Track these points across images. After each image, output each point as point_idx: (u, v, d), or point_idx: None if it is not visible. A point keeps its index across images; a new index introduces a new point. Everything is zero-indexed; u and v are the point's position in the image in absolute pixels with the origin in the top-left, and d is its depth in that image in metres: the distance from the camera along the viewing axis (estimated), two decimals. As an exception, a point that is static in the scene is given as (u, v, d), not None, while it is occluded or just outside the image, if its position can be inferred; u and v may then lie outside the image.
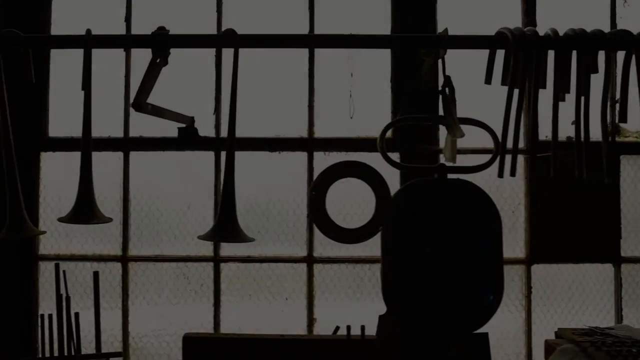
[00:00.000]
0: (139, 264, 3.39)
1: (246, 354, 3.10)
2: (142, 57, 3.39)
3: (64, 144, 3.38)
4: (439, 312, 2.81)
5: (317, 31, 3.37)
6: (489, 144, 3.14)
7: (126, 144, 3.37)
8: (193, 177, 3.38)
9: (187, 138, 3.29)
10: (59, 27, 3.44)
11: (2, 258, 3.36)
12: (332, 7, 3.38)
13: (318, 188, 2.74)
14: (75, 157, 3.41)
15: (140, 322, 3.39)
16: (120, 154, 3.39)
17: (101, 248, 3.40)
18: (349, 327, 3.01)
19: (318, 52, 3.35)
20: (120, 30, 3.39)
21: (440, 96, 2.79)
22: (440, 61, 2.79)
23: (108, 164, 3.39)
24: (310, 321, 3.35)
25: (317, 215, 2.75)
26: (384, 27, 3.39)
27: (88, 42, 2.68)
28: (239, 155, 3.36)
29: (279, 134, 3.37)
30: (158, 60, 2.72)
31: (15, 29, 2.74)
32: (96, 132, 3.38)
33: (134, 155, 3.38)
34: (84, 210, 2.71)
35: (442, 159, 3.21)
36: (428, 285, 2.80)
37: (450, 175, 2.89)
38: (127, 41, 2.76)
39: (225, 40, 2.68)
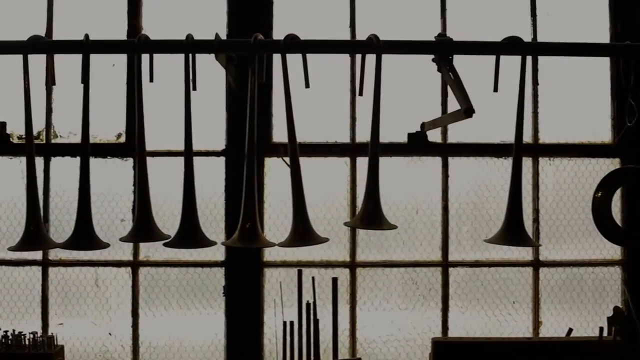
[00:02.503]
0: (367, 269, 3.38)
1: (494, 356, 3.13)
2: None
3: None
4: None
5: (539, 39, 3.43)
6: None
7: (353, 150, 3.37)
8: (420, 183, 3.39)
9: (417, 143, 3.33)
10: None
11: (233, 266, 3.32)
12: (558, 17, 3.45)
13: (603, 192, 2.79)
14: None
15: (368, 327, 3.38)
16: (347, 159, 3.38)
17: (329, 254, 3.38)
18: (601, 329, 3.08)
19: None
20: (342, 35, 3.40)
21: None
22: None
23: (335, 169, 3.39)
24: (536, 324, 3.39)
25: (602, 219, 2.79)
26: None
27: (380, 47, 2.69)
28: (462, 161, 3.42)
29: (504, 140, 3.40)
30: (448, 67, 2.75)
31: (242, 34, 2.73)
32: (323, 137, 3.44)
33: (360, 160, 3.38)
34: (373, 215, 2.71)
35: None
36: None
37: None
38: (413, 47, 2.77)
39: (514, 48, 2.72)
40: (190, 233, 2.67)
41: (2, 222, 3.43)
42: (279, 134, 3.39)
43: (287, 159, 2.87)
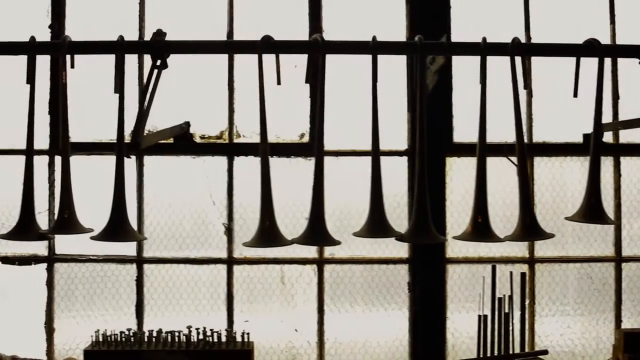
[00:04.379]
0: (545, 265, 3.50)
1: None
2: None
3: (469, 150, 3.46)
4: None
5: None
6: None
7: (530, 150, 3.48)
8: (591, 181, 3.51)
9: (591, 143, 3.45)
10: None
11: (417, 262, 3.41)
12: None
13: None
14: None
15: (546, 321, 3.49)
16: (523, 159, 3.49)
17: (508, 251, 3.49)
18: None
19: None
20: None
21: None
22: None
23: (508, 168, 3.49)
24: (699, 315, 3.55)
25: None
26: None
27: (602, 50, 2.79)
28: (632, 161, 3.55)
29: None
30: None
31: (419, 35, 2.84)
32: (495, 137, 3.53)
33: (536, 160, 3.50)
34: (595, 210, 2.81)
35: None
36: None
37: None
38: (631, 51, 2.90)
39: None
40: (424, 228, 2.76)
41: (186, 221, 3.46)
42: (460, 135, 3.50)
43: (513, 158, 2.98)
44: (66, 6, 3.47)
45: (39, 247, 3.43)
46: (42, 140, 3.47)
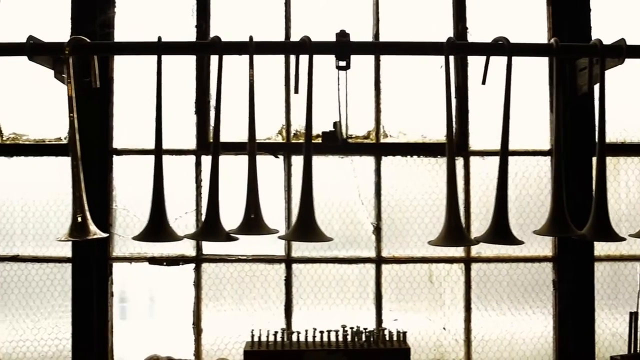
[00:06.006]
0: (677, 263, 3.59)
1: None
2: None
3: (611, 150, 3.53)
4: None
5: None
6: None
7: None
8: None
9: None
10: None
11: (562, 260, 3.46)
12: None
13: None
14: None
15: (684, 317, 3.57)
16: None
17: (632, 250, 3.56)
18: None
19: None
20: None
21: None
22: None
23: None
24: None
25: None
26: None
27: None
28: None
29: None
30: None
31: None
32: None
33: (669, 160, 3.58)
34: None
35: None
36: None
37: None
38: None
39: None
40: (605, 227, 2.82)
41: (335, 221, 3.47)
42: (599, 134, 3.55)
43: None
44: (211, 5, 3.48)
45: (187, 248, 3.43)
46: (181, 140, 3.48)
